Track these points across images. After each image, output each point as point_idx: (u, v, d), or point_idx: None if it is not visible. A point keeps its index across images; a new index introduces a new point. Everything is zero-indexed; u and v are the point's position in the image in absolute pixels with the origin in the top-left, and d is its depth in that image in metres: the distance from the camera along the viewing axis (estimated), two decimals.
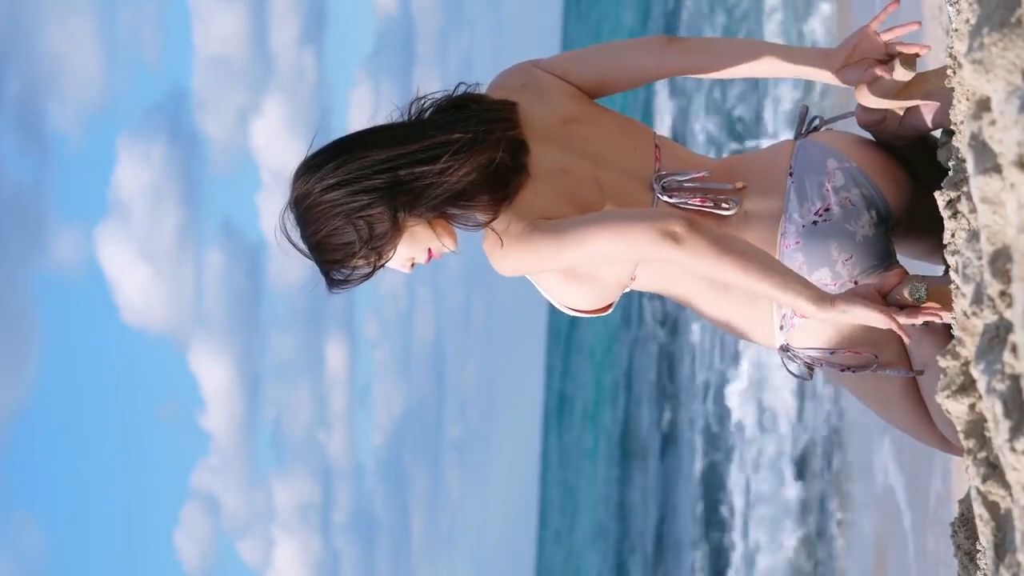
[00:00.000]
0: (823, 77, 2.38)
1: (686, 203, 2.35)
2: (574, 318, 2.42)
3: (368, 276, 2.36)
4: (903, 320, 2.17)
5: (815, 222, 2.33)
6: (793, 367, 2.40)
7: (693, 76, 2.46)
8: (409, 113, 2.36)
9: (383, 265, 2.35)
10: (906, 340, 2.24)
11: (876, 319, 2.18)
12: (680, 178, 2.36)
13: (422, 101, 2.37)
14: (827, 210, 2.33)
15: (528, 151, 2.33)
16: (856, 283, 2.31)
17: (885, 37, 2.34)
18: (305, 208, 2.30)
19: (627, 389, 24.36)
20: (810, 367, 2.39)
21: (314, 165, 2.30)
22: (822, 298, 2.18)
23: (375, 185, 2.26)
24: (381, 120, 2.37)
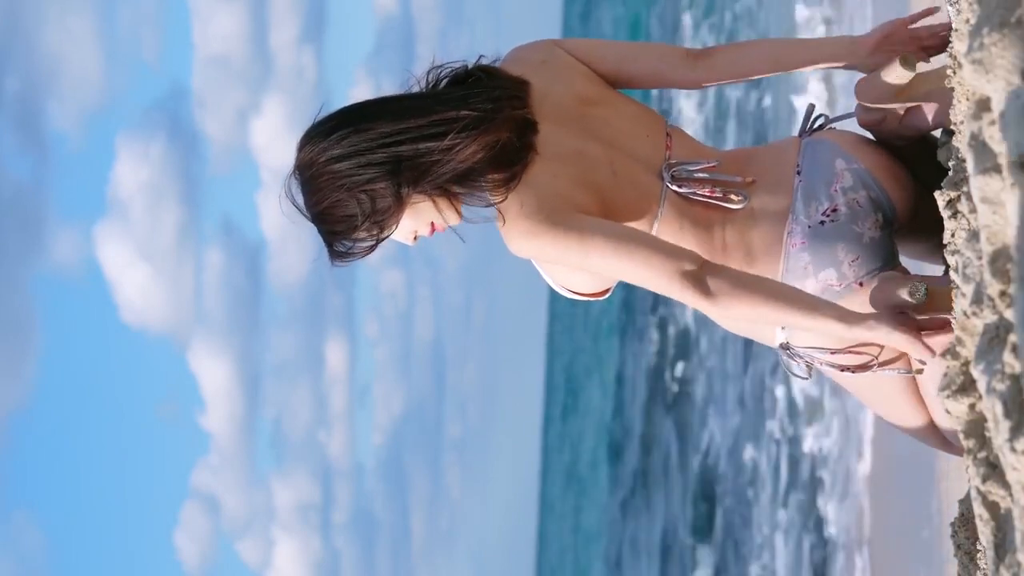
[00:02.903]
0: (850, 63, 2.43)
1: (695, 193, 2.34)
2: (574, 314, 2.43)
3: (370, 249, 2.34)
4: (928, 340, 2.16)
5: (822, 222, 2.32)
6: (793, 366, 2.40)
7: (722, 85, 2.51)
8: (426, 80, 2.35)
9: (385, 238, 2.34)
10: (928, 357, 2.19)
11: (902, 339, 2.16)
12: (690, 167, 2.35)
13: (439, 69, 2.36)
14: (834, 211, 2.33)
15: (536, 131, 2.31)
16: (861, 284, 2.31)
17: (919, 28, 2.39)
18: (309, 177, 2.29)
19: (629, 388, 24.36)
20: (810, 366, 2.39)
21: (320, 133, 2.29)
22: (850, 317, 2.19)
23: (379, 159, 2.25)
24: (394, 90, 2.36)
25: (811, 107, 2.51)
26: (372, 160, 2.25)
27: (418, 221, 2.33)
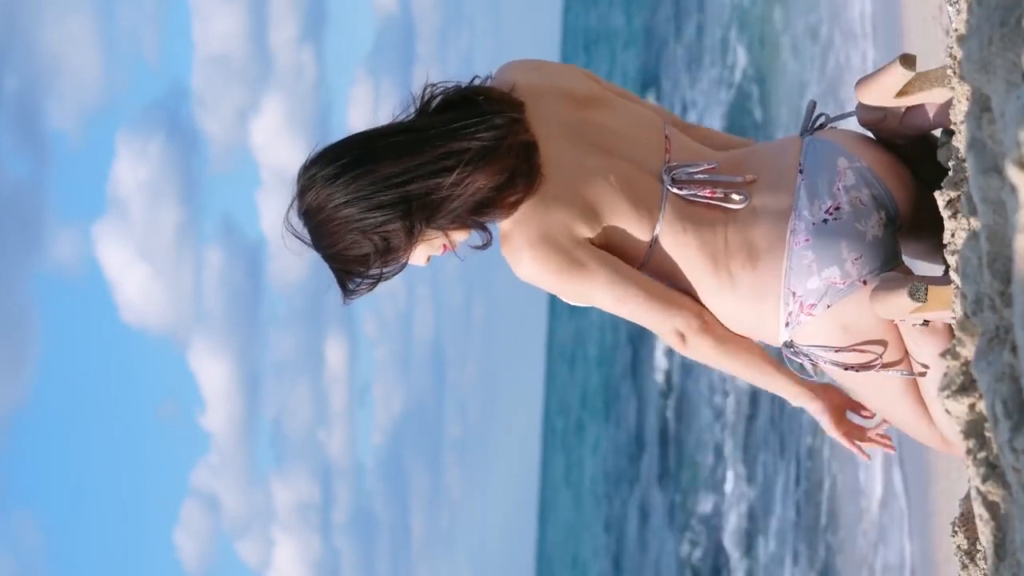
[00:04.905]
0: None
1: (696, 195, 2.35)
2: (574, 314, 2.46)
3: (377, 283, 2.35)
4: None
5: (825, 220, 2.32)
6: (797, 364, 2.40)
7: None
8: (422, 100, 2.34)
9: (400, 271, 2.35)
10: (862, 459, 2.52)
11: (834, 435, 2.49)
12: (690, 170, 2.36)
13: (434, 87, 2.35)
14: (837, 208, 2.33)
15: (539, 151, 2.32)
16: (865, 283, 2.31)
17: None
18: (319, 222, 2.27)
19: (630, 388, 24.36)
20: (814, 365, 2.39)
21: (325, 177, 2.25)
22: (801, 394, 2.44)
23: (389, 200, 2.23)
24: (385, 119, 2.35)
25: (812, 104, 2.51)
26: (382, 202, 2.23)
27: (431, 246, 2.34)
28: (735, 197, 2.34)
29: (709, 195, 2.35)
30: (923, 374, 2.33)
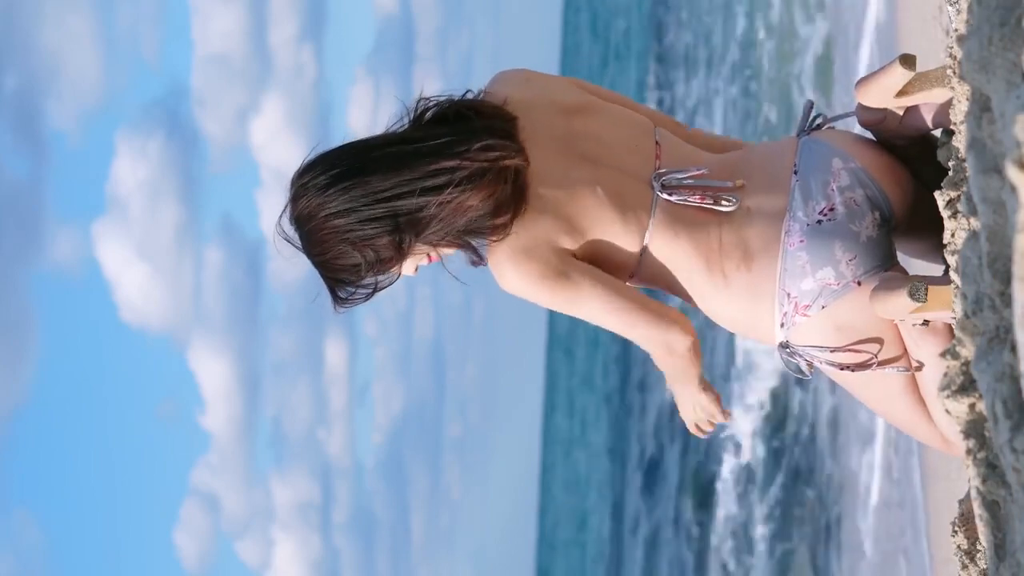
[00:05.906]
0: None
1: (686, 200, 2.35)
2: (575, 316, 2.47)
3: (372, 295, 2.37)
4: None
5: (819, 221, 2.33)
6: (792, 365, 2.40)
7: None
8: (414, 113, 2.35)
9: (390, 284, 2.37)
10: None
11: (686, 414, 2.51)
12: (680, 175, 2.36)
13: (428, 101, 2.36)
14: (832, 210, 2.33)
15: (528, 174, 2.32)
16: (859, 283, 2.31)
17: None
18: (310, 229, 2.30)
19: (628, 387, 24.36)
20: (810, 365, 2.39)
21: (317, 186, 2.28)
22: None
23: (379, 214, 2.26)
24: (384, 119, 2.36)
25: (809, 104, 2.51)
26: (372, 215, 2.26)
27: (418, 256, 2.37)
28: (724, 202, 2.35)
29: (699, 200, 2.35)
30: (919, 370, 2.33)
